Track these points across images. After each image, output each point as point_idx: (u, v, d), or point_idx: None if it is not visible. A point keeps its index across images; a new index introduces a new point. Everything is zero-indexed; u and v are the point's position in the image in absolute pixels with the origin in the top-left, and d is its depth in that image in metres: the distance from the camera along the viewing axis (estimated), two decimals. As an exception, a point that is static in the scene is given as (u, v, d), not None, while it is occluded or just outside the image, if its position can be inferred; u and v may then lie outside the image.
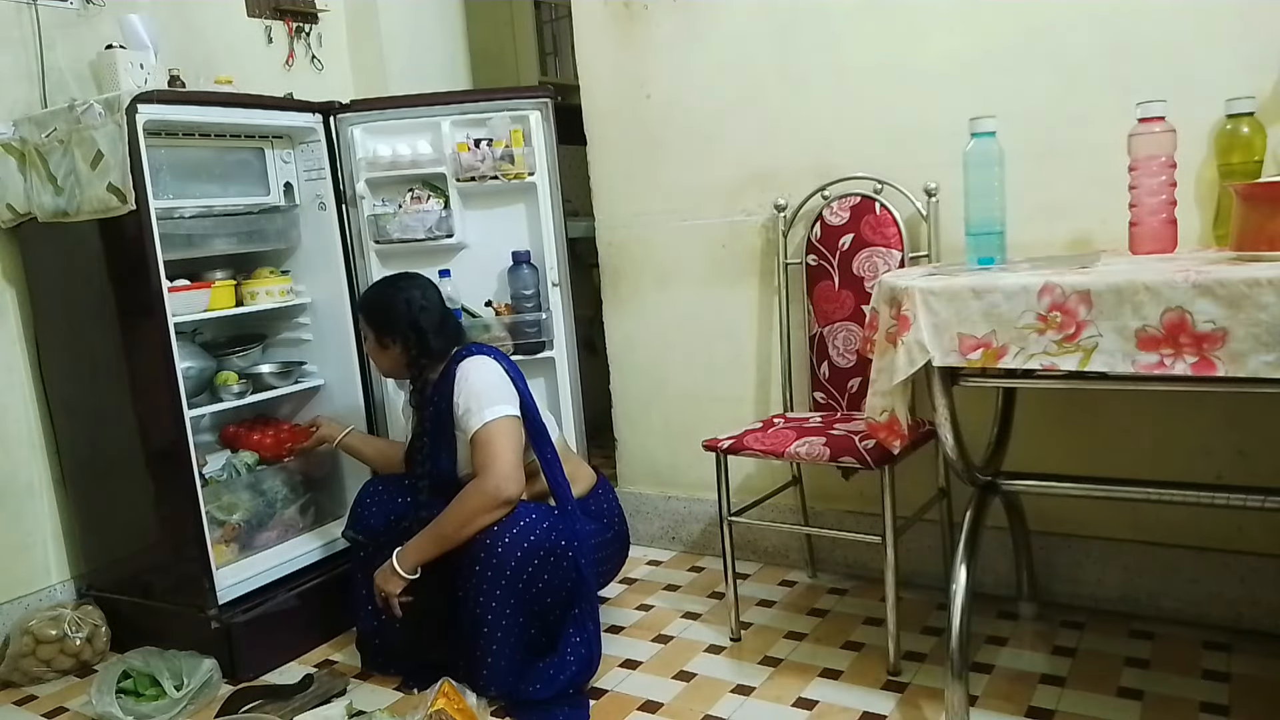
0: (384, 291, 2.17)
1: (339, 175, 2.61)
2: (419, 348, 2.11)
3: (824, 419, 2.28)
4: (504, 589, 1.94)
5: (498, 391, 2.04)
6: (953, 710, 1.71)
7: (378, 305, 2.16)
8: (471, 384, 2.03)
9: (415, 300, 2.12)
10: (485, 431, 1.99)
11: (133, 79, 2.29)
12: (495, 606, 1.94)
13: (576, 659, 2.02)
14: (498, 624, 1.95)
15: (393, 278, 2.22)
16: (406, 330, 2.10)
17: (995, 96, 2.12)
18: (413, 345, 2.11)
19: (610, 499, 2.26)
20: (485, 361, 2.09)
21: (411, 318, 2.10)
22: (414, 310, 2.11)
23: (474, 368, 2.06)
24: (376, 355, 2.20)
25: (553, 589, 1.98)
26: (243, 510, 2.47)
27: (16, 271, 2.39)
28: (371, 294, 2.22)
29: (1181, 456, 2.06)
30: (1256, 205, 1.48)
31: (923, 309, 1.60)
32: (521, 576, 1.94)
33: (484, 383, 2.04)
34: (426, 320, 2.11)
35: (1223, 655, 1.98)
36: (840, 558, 2.57)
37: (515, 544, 1.93)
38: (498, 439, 1.98)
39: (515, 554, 1.93)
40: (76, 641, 2.28)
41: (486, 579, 1.93)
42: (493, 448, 1.97)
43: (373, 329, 2.16)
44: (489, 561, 1.93)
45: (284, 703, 2.04)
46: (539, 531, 1.96)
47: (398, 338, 2.12)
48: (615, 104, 2.73)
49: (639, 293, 2.80)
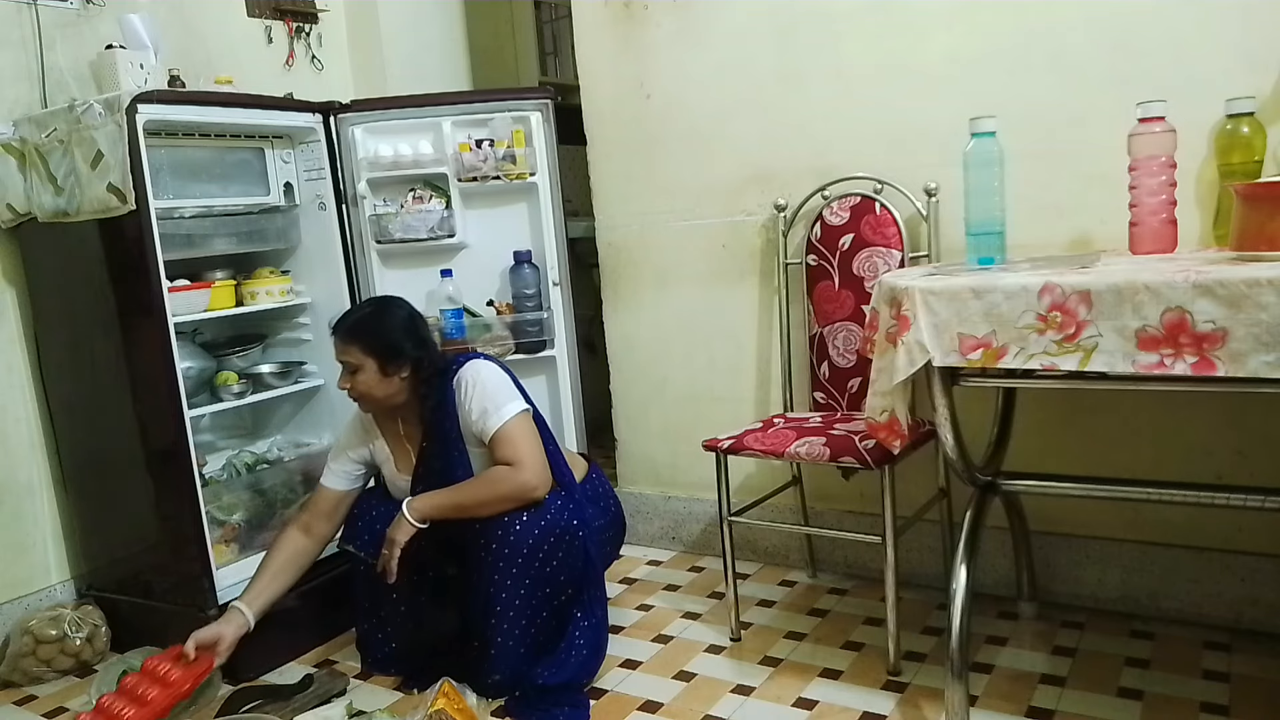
0: (377, 315, 2.05)
1: (339, 175, 2.61)
2: (430, 364, 2.04)
3: (824, 419, 2.28)
4: (519, 570, 1.94)
5: (507, 389, 2.04)
6: (953, 710, 1.71)
7: (378, 330, 2.01)
8: (480, 387, 2.01)
9: (410, 315, 2.06)
10: (506, 430, 1.98)
11: (133, 79, 2.28)
12: (510, 586, 1.94)
13: (587, 645, 2.03)
14: (510, 606, 1.95)
15: (376, 301, 2.13)
16: (414, 349, 2.02)
17: (995, 96, 2.12)
18: (424, 363, 2.03)
19: (604, 483, 2.28)
20: (483, 364, 2.07)
21: (417, 334, 2.04)
22: (416, 325, 2.05)
23: (474, 372, 2.04)
24: (374, 387, 2.01)
25: (565, 571, 1.99)
26: (243, 510, 2.47)
27: (16, 271, 2.39)
28: (365, 321, 2.03)
29: (1181, 456, 2.06)
30: (1256, 205, 1.48)
31: (923, 309, 1.60)
32: (536, 558, 1.95)
33: (492, 383, 2.03)
34: (426, 332, 2.09)
35: (1223, 655, 1.98)
36: (840, 558, 2.57)
37: (530, 526, 1.94)
38: (521, 435, 1.99)
39: (531, 536, 1.94)
40: (76, 641, 2.28)
41: (503, 558, 1.94)
42: (519, 444, 1.97)
43: (375, 357, 1.99)
44: (505, 541, 1.93)
45: (284, 703, 2.04)
46: (552, 513, 1.97)
47: (406, 361, 2.01)
48: (615, 104, 2.73)
49: (639, 293, 2.80)
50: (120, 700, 1.90)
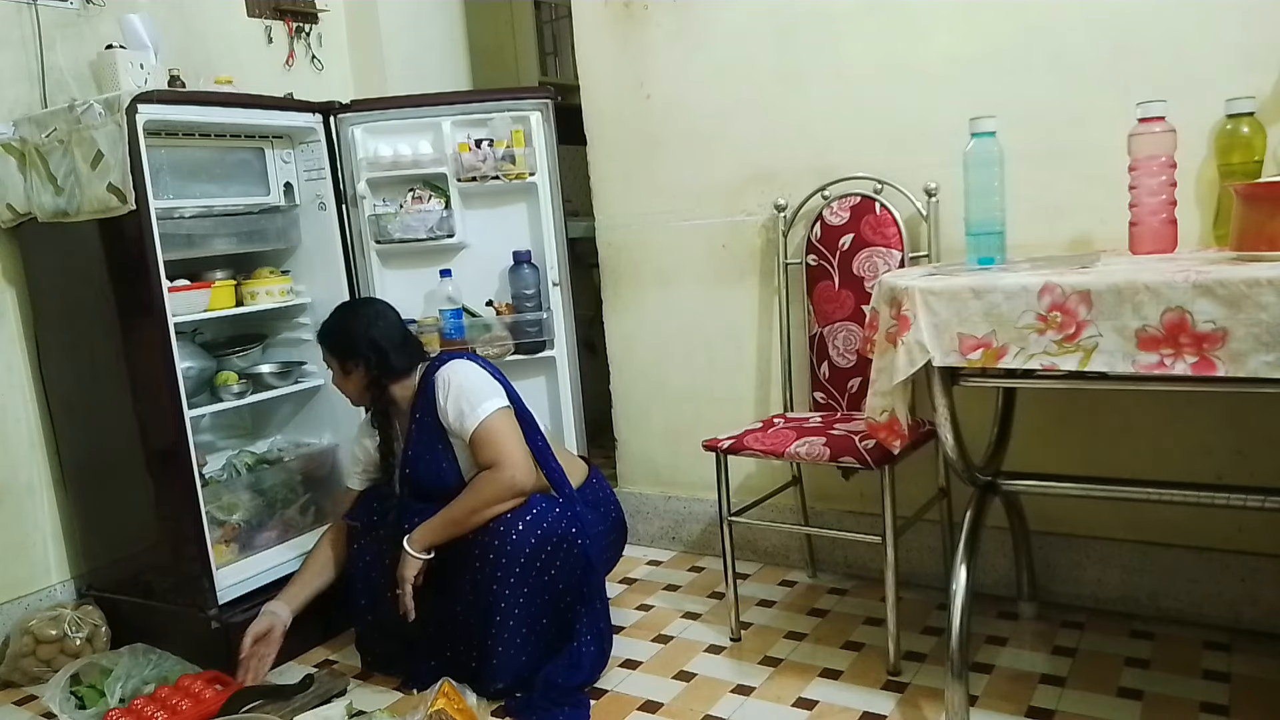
0: (341, 318, 2.18)
1: (339, 175, 2.61)
2: (380, 366, 2.12)
3: (824, 419, 2.28)
4: (517, 578, 1.95)
5: (483, 387, 2.06)
6: (953, 710, 1.71)
7: (336, 330, 2.16)
8: (457, 386, 2.06)
9: (371, 320, 2.14)
10: (484, 427, 2.01)
11: (133, 79, 2.28)
12: (509, 595, 1.95)
13: (595, 647, 2.05)
14: (510, 614, 1.95)
15: (349, 304, 2.24)
16: (366, 351, 2.11)
17: (995, 96, 2.12)
18: (373, 365, 2.11)
19: (605, 487, 2.28)
20: (461, 364, 2.12)
21: (370, 337, 2.11)
22: (372, 330, 2.12)
23: (453, 372, 2.09)
24: (342, 385, 2.20)
25: (564, 577, 1.99)
26: (243, 510, 2.47)
27: (16, 271, 2.39)
28: (329, 323, 2.20)
29: (1181, 456, 2.06)
30: (1256, 205, 1.48)
31: (923, 309, 1.60)
32: (535, 565, 1.95)
33: (468, 382, 2.06)
34: (384, 338, 2.12)
35: (1223, 655, 1.98)
36: (840, 558, 2.57)
37: (528, 533, 1.95)
38: (499, 432, 2.01)
39: (529, 543, 1.94)
40: (76, 641, 2.28)
41: (500, 567, 1.94)
42: (498, 441, 2.00)
43: (335, 357, 2.16)
44: (503, 549, 1.94)
45: (284, 703, 2.04)
46: (550, 520, 1.98)
47: (360, 360, 2.12)
48: (615, 104, 2.73)
49: (639, 293, 2.80)
50: (152, 705, 1.99)
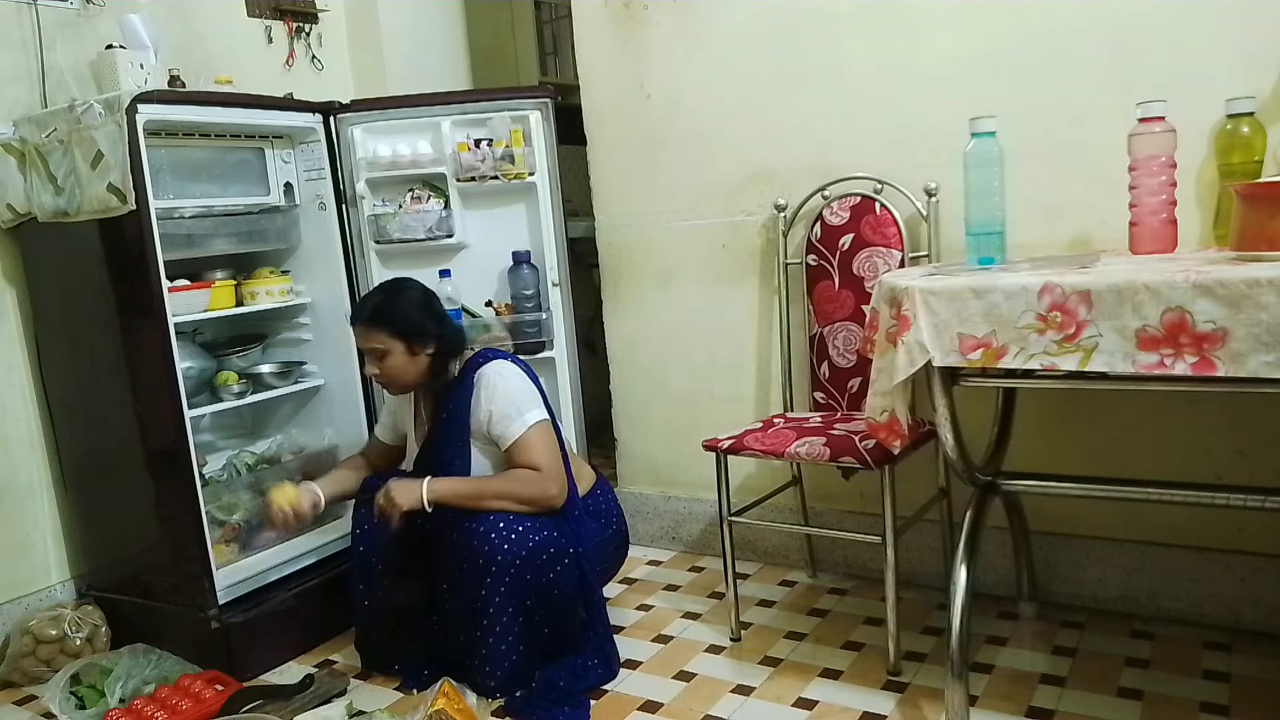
0: (400, 297, 2.05)
1: (339, 175, 2.61)
2: (451, 343, 2.07)
3: (824, 419, 2.28)
4: (504, 593, 1.94)
5: (530, 395, 2.05)
6: (953, 710, 1.71)
7: (402, 311, 2.02)
8: (504, 391, 2.02)
9: (426, 295, 2.09)
10: (528, 438, 2.00)
11: (133, 79, 2.28)
12: (498, 603, 1.94)
13: (599, 675, 2.05)
14: (496, 623, 1.95)
15: (395, 283, 2.11)
16: (436, 326, 2.04)
17: (995, 96, 2.12)
18: (445, 341, 2.06)
19: (609, 498, 2.26)
20: (508, 366, 2.08)
21: (436, 313, 2.07)
22: (433, 305, 2.09)
23: (499, 373, 2.05)
24: (401, 369, 2.03)
25: (558, 588, 1.99)
26: (243, 510, 2.46)
27: (16, 271, 2.39)
28: (385, 306, 2.04)
29: (1181, 456, 2.06)
30: (1256, 205, 1.48)
31: (923, 309, 1.60)
32: (523, 579, 1.95)
33: (515, 388, 2.04)
34: (442, 309, 2.11)
35: (1223, 655, 1.98)
36: (840, 558, 2.57)
37: (516, 549, 1.94)
38: (543, 444, 2.00)
39: (516, 558, 1.93)
40: (76, 641, 2.28)
41: (487, 580, 1.94)
42: (541, 452, 1.99)
43: (402, 339, 2.01)
44: (491, 560, 1.93)
45: (284, 703, 2.04)
46: (539, 538, 1.96)
47: (430, 338, 2.03)
48: (615, 104, 2.73)
49: (639, 293, 2.80)
50: (152, 705, 2.00)
